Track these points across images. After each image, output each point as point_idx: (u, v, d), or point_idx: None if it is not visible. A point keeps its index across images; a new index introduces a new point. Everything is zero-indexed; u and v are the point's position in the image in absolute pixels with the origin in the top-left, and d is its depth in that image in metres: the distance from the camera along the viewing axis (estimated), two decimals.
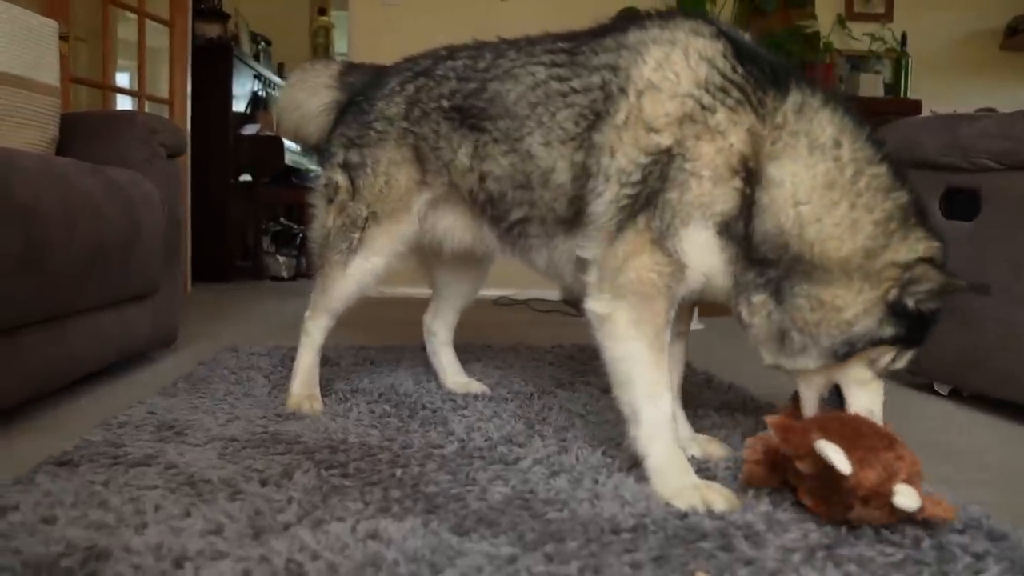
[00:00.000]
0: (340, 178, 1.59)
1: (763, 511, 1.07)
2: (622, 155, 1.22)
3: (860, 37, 4.20)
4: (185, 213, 3.55)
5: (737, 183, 1.15)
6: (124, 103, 4.10)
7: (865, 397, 1.15)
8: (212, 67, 4.90)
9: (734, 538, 0.97)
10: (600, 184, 1.25)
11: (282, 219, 5.92)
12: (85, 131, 2.17)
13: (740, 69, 1.19)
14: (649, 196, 1.19)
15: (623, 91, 1.24)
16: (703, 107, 1.18)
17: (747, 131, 1.15)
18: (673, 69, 1.21)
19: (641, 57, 1.24)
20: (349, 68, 1.74)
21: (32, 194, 1.49)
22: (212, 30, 5.08)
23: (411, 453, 1.30)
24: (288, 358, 2.13)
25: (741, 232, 1.16)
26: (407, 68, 1.58)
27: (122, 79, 4.42)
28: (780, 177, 1.13)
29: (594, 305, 1.22)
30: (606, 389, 1.83)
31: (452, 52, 1.54)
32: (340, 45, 7.03)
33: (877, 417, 1.14)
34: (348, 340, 2.40)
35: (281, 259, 5.52)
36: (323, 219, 1.63)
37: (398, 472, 1.19)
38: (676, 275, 1.19)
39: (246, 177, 5.31)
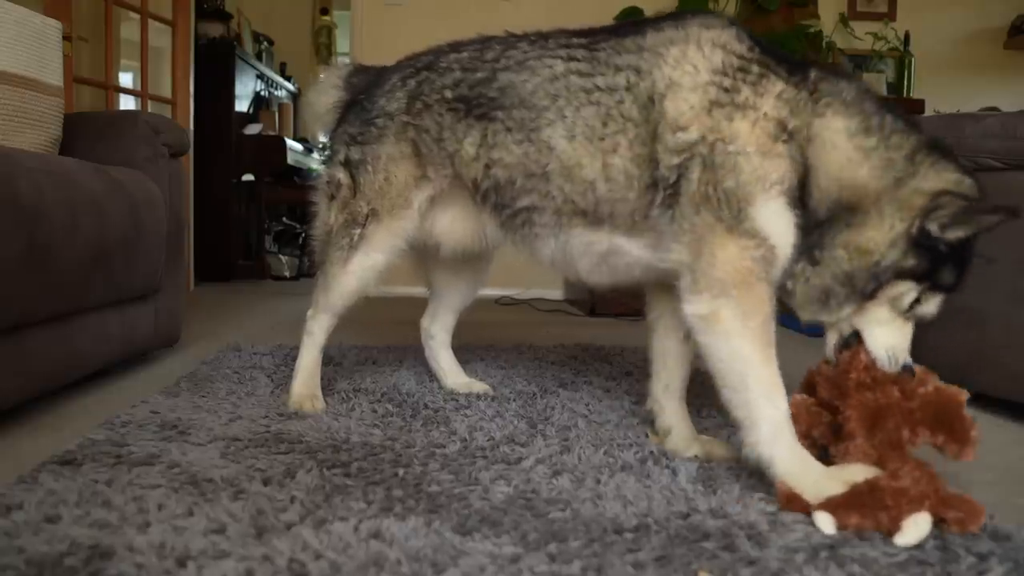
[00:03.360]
0: (342, 175, 1.59)
1: (766, 511, 1.07)
2: (663, 164, 1.25)
3: (863, 36, 4.19)
4: (188, 213, 3.55)
5: (781, 148, 1.19)
6: (127, 103, 4.10)
7: (884, 335, 1.19)
8: (215, 67, 4.91)
9: (737, 538, 0.97)
10: (653, 193, 1.27)
11: (284, 218, 5.93)
12: (88, 131, 2.18)
13: (757, 48, 1.25)
14: (706, 191, 1.21)
15: (651, 98, 1.27)
16: (726, 90, 1.21)
17: (776, 97, 1.20)
18: (691, 63, 1.25)
19: (661, 58, 1.28)
20: (357, 70, 1.75)
21: (36, 194, 1.49)
22: (215, 30, 5.09)
23: (414, 452, 1.30)
24: (291, 357, 2.13)
25: (798, 195, 1.20)
26: (408, 65, 1.58)
27: (125, 79, 4.42)
28: (824, 131, 1.19)
29: (693, 307, 1.20)
30: (608, 389, 1.85)
31: (456, 45, 1.54)
32: (342, 45, 7.04)
33: (899, 354, 1.19)
34: (351, 340, 2.40)
35: (283, 258, 5.53)
36: (325, 217, 1.63)
37: (401, 472, 1.20)
38: (768, 256, 1.19)
39: (249, 177, 5.32)
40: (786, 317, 1.28)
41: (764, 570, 0.89)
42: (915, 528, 0.97)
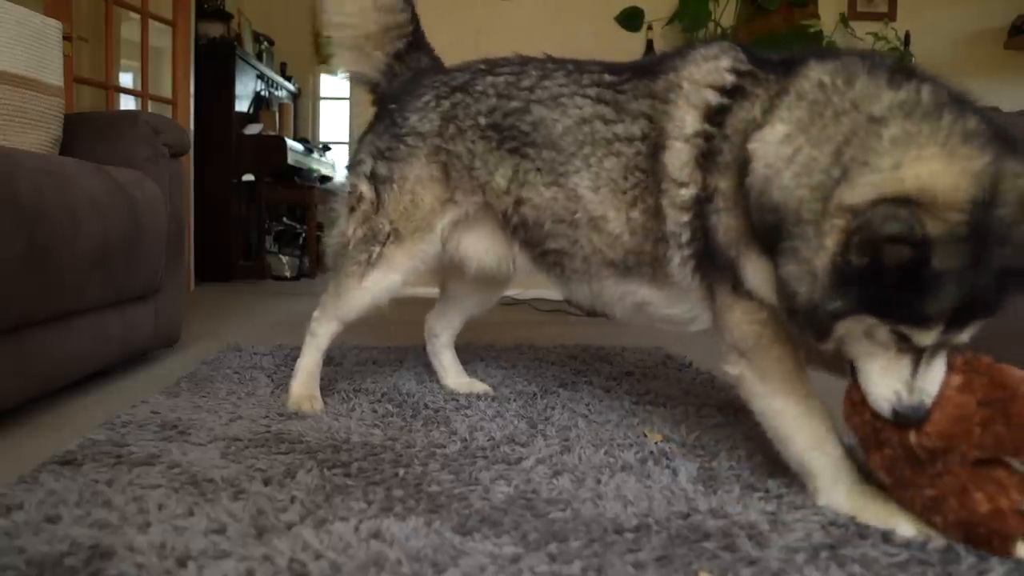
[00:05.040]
0: (366, 188, 1.56)
1: (766, 510, 1.07)
2: (671, 219, 1.21)
3: (863, 36, 4.18)
4: (188, 213, 3.55)
5: None
6: (127, 103, 4.10)
7: (875, 367, 0.99)
8: (215, 67, 4.92)
9: (737, 538, 0.96)
10: (666, 248, 1.24)
11: (285, 218, 5.93)
12: (89, 131, 2.18)
13: (752, 80, 1.14)
14: (708, 249, 1.16)
15: (659, 147, 1.22)
16: (709, 138, 1.15)
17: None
18: (681, 114, 1.20)
19: (665, 107, 1.23)
20: (407, 50, 1.61)
21: (36, 195, 1.49)
22: (215, 30, 5.09)
23: (414, 453, 1.30)
24: (291, 357, 2.13)
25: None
26: (443, 82, 1.52)
27: (125, 79, 4.42)
28: None
29: (727, 367, 1.19)
30: (608, 389, 1.85)
31: (492, 67, 1.49)
32: None
33: (883, 399, 0.99)
34: (351, 340, 2.40)
35: (284, 258, 5.53)
36: (343, 227, 1.60)
37: (401, 472, 1.20)
38: (776, 318, 1.11)
39: (249, 177, 5.32)
40: None
41: (765, 570, 0.89)
42: None
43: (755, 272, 1.10)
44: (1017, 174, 0.89)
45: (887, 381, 0.99)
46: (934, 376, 0.98)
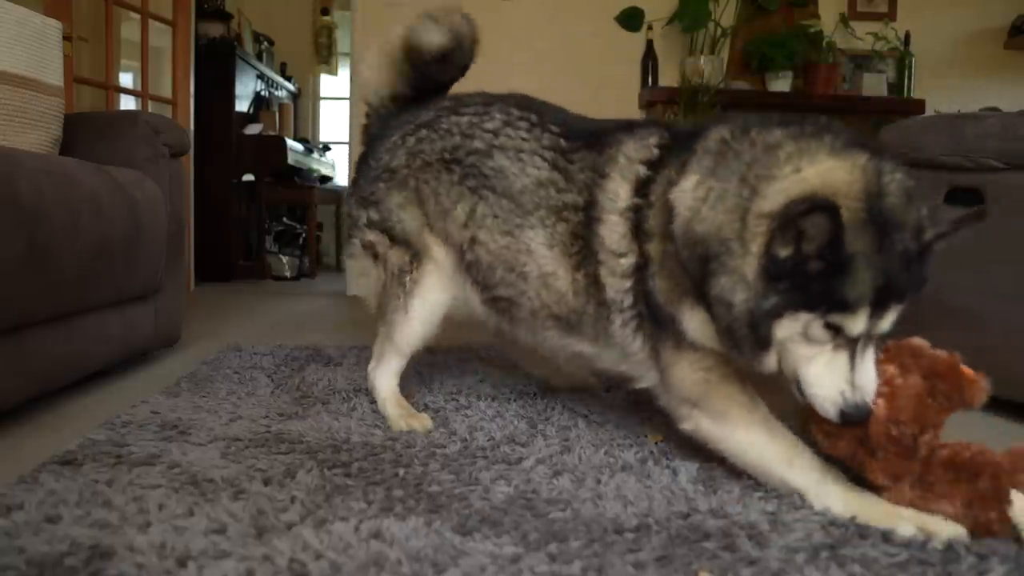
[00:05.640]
0: (372, 236, 1.59)
1: (766, 510, 1.07)
2: (611, 287, 1.28)
3: (863, 36, 4.19)
4: (188, 213, 3.55)
5: None
6: (127, 103, 4.10)
7: (816, 369, 1.05)
8: (215, 67, 4.91)
9: (737, 538, 0.97)
10: (608, 311, 1.29)
11: (285, 219, 5.93)
12: (89, 131, 2.18)
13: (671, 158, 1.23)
14: (646, 311, 1.23)
15: (597, 219, 1.29)
16: (639, 210, 1.23)
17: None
18: (615, 187, 1.28)
19: (603, 181, 1.30)
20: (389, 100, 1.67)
21: (36, 195, 1.49)
22: (215, 30, 5.09)
23: (414, 453, 1.30)
24: (291, 357, 2.13)
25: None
26: (409, 121, 1.57)
27: (125, 79, 4.43)
28: None
29: (681, 425, 1.24)
30: (608, 388, 1.84)
31: (457, 106, 1.54)
32: (343, 45, 7.04)
33: (830, 401, 1.04)
34: (351, 340, 2.40)
35: (284, 259, 5.53)
36: (377, 274, 1.60)
37: (401, 472, 1.20)
38: (720, 361, 1.17)
39: (249, 177, 5.32)
40: None
41: (765, 570, 0.89)
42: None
43: (693, 321, 1.17)
44: (892, 169, 1.05)
45: (830, 380, 1.05)
46: (868, 370, 1.05)
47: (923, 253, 1.03)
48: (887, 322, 1.04)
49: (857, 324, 1.02)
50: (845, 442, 1.09)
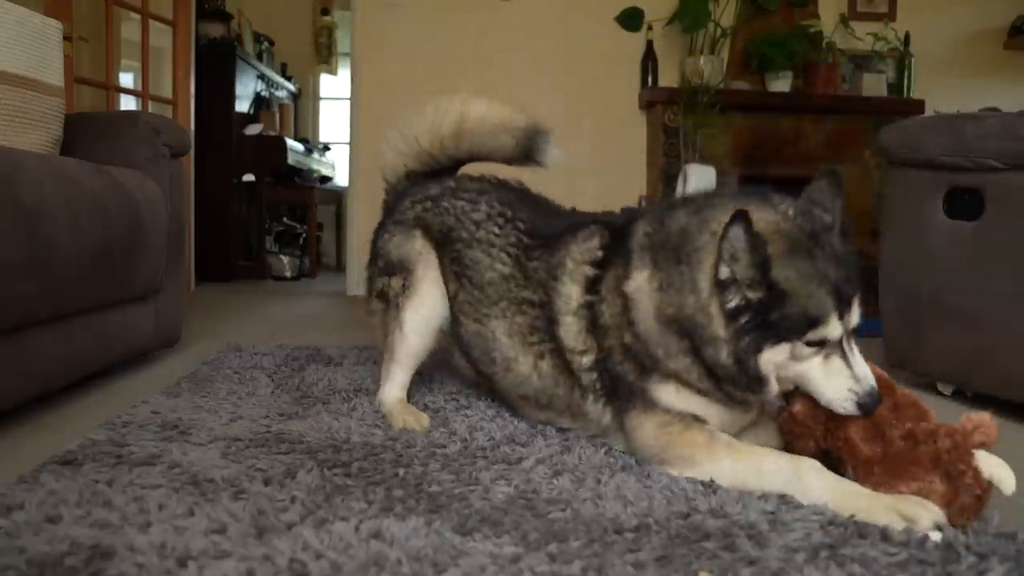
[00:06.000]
0: (381, 281, 1.66)
1: (766, 510, 1.07)
2: (581, 376, 1.36)
3: (863, 36, 4.19)
4: (188, 213, 3.55)
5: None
6: (128, 103, 4.11)
7: (820, 380, 1.15)
8: (215, 67, 4.92)
9: (737, 538, 0.97)
10: (580, 392, 1.37)
11: (285, 219, 5.93)
12: (89, 131, 2.18)
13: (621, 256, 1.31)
14: (614, 385, 1.32)
15: (553, 320, 1.38)
16: (592, 306, 1.33)
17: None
18: (567, 289, 1.37)
19: (555, 283, 1.39)
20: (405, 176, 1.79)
21: (37, 195, 1.49)
22: (215, 30, 5.10)
23: (414, 453, 1.30)
24: (291, 357, 2.14)
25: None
26: (418, 192, 1.69)
27: (125, 79, 4.43)
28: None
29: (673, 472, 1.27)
30: None
31: (458, 188, 1.64)
32: (343, 45, 7.04)
33: (844, 400, 1.13)
34: (351, 340, 2.40)
35: (284, 258, 5.53)
36: (384, 313, 1.64)
37: (401, 472, 1.20)
38: (685, 419, 1.24)
39: (249, 177, 5.32)
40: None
41: (764, 570, 0.89)
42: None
43: (661, 392, 1.26)
44: (791, 202, 1.18)
45: (838, 383, 1.14)
46: (861, 361, 1.15)
47: (844, 238, 1.16)
48: (856, 314, 1.15)
49: (835, 330, 1.12)
50: (853, 454, 1.15)
